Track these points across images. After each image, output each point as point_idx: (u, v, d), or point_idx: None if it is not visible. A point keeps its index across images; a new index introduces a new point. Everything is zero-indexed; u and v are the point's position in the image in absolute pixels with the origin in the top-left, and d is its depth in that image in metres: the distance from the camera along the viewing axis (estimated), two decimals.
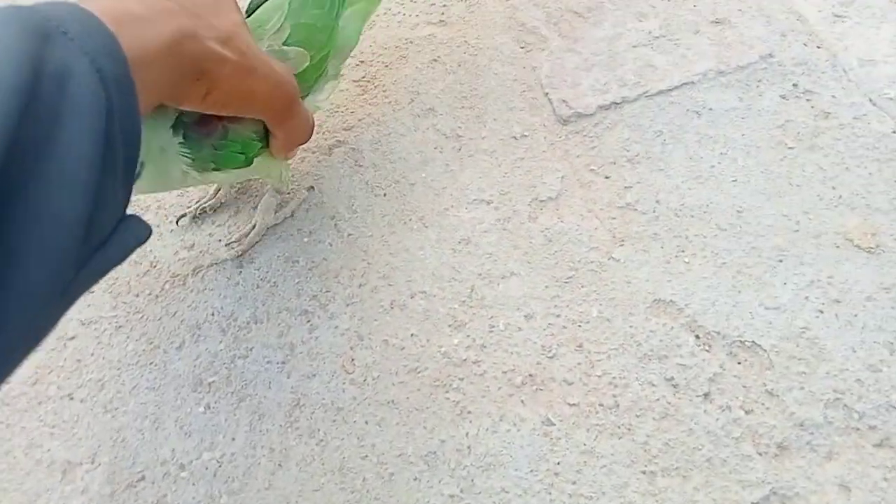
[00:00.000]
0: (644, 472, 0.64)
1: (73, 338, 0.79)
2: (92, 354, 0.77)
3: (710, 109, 0.84)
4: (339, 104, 0.93)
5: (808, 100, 0.83)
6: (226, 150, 0.62)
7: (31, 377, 0.77)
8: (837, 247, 0.73)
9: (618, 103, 0.86)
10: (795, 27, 0.89)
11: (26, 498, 0.70)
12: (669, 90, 0.87)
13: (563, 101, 0.87)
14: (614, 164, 0.82)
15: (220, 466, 0.69)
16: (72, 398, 0.75)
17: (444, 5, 1.01)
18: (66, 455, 0.71)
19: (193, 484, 0.68)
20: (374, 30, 0.99)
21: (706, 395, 0.67)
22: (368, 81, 0.94)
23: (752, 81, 0.86)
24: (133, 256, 0.56)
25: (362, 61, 0.96)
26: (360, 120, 0.91)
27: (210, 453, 0.70)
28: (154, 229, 0.66)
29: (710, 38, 0.90)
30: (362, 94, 0.93)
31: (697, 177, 0.80)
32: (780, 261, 0.73)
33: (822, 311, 0.70)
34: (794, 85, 0.85)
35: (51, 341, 0.79)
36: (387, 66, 0.96)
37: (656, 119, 0.85)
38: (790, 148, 0.80)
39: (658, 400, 0.67)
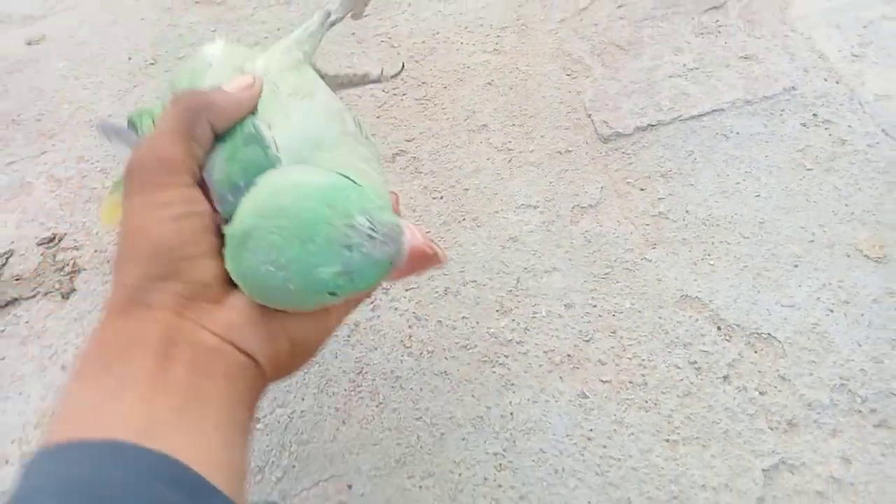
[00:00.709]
0: (667, 441, 0.72)
1: None
2: None
3: (737, 133, 0.94)
4: (402, 119, 1.04)
5: (826, 128, 0.93)
6: None
7: None
8: (848, 256, 0.82)
9: (654, 125, 0.96)
10: (817, 64, 0.99)
11: None
12: (701, 115, 0.96)
13: (605, 121, 0.98)
14: (649, 178, 0.92)
15: (290, 421, 0.79)
16: None
17: (499, 36, 1.12)
18: None
19: (267, 434, 0.78)
20: (435, 55, 1.11)
21: (725, 377, 0.75)
22: (429, 100, 1.05)
23: (776, 110, 0.95)
24: None
25: (424, 83, 1.08)
26: (420, 133, 1.02)
27: (282, 409, 0.79)
28: None
29: (738, 72, 1.00)
30: (423, 111, 1.04)
31: (724, 191, 0.89)
32: (796, 266, 0.82)
33: (832, 310, 0.78)
34: (814, 115, 0.94)
35: None
36: (445, 87, 1.07)
37: (688, 140, 0.94)
38: (809, 169, 0.89)
39: (682, 380, 0.76)
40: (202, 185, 0.41)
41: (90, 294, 0.91)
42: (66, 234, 0.97)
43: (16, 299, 0.91)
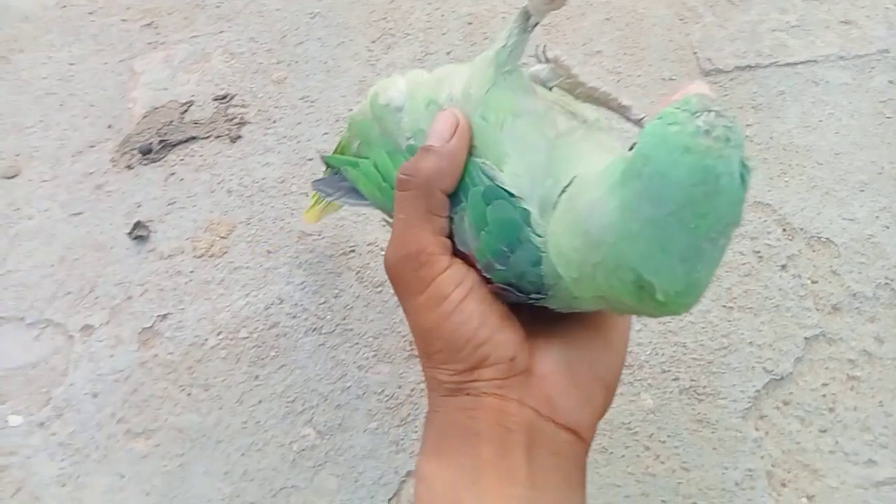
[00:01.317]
0: (724, 307, 0.85)
1: (310, 159, 1.07)
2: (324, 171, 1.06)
3: (827, 82, 1.05)
4: None
5: None
6: None
7: (281, 179, 1.05)
8: None
9: (752, 66, 1.09)
10: None
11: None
12: (796, 64, 1.08)
13: (708, 58, 1.11)
14: (741, 108, 1.04)
15: None
16: (307, 195, 1.03)
17: None
18: (302, 227, 0.99)
19: None
20: None
21: (783, 266, 0.88)
22: (553, 27, 1.20)
23: (866, 67, 1.06)
24: None
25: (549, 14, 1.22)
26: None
27: None
28: None
29: (837, 33, 1.12)
30: (546, 35, 1.19)
31: (807, 126, 1.01)
32: (862, 191, 0.93)
33: (888, 227, 0.89)
34: None
35: (293, 158, 1.07)
36: (568, 18, 1.21)
37: (781, 82, 1.06)
38: (888, 117, 1.00)
39: (745, 264, 0.88)
40: (460, 252, 0.41)
41: (253, 141, 1.09)
42: (236, 94, 1.16)
43: (193, 137, 1.11)
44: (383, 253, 0.97)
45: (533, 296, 0.39)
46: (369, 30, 1.20)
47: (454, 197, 0.40)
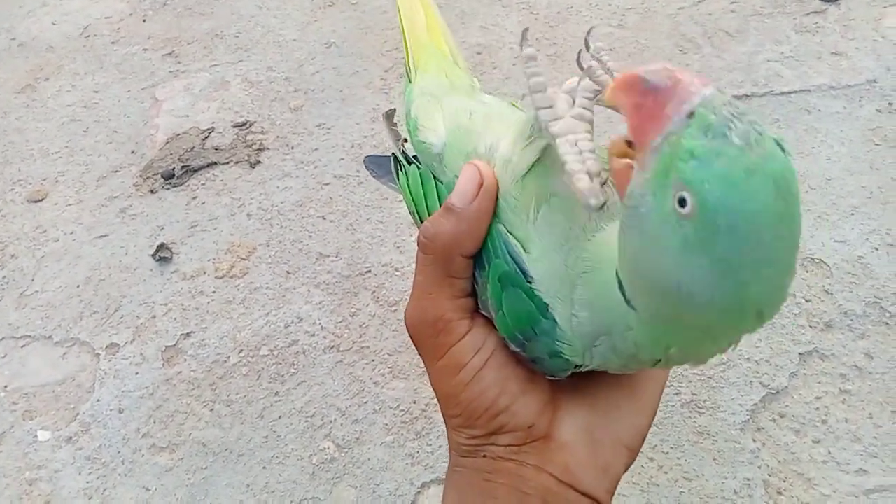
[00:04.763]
0: None
1: (328, 183, 1.12)
2: (340, 195, 1.11)
3: (819, 111, 1.11)
4: None
5: None
6: None
7: (299, 202, 1.10)
8: None
9: (748, 95, 1.14)
10: None
11: (284, 266, 1.02)
12: (790, 93, 1.14)
13: None
14: None
15: None
16: (324, 219, 1.08)
17: (623, 14, 1.32)
18: (320, 249, 1.04)
19: (403, 279, 0.99)
20: (567, 24, 1.31)
21: None
22: (558, 56, 1.26)
23: (855, 97, 1.12)
24: None
25: (555, 43, 1.28)
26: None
27: None
28: None
29: (829, 64, 1.17)
30: (552, 65, 1.25)
31: (800, 152, 1.06)
32: (853, 214, 0.98)
33: (877, 249, 0.94)
34: (890, 104, 1.10)
35: (310, 182, 1.12)
36: (573, 49, 1.27)
37: (776, 110, 1.12)
38: (877, 144, 1.06)
39: None
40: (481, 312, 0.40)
41: (272, 166, 1.14)
42: (255, 121, 1.21)
43: (214, 163, 1.16)
44: (398, 273, 1.03)
45: (552, 377, 0.38)
46: (382, 59, 1.26)
47: (478, 258, 0.38)
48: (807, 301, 0.90)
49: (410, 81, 0.49)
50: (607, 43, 1.25)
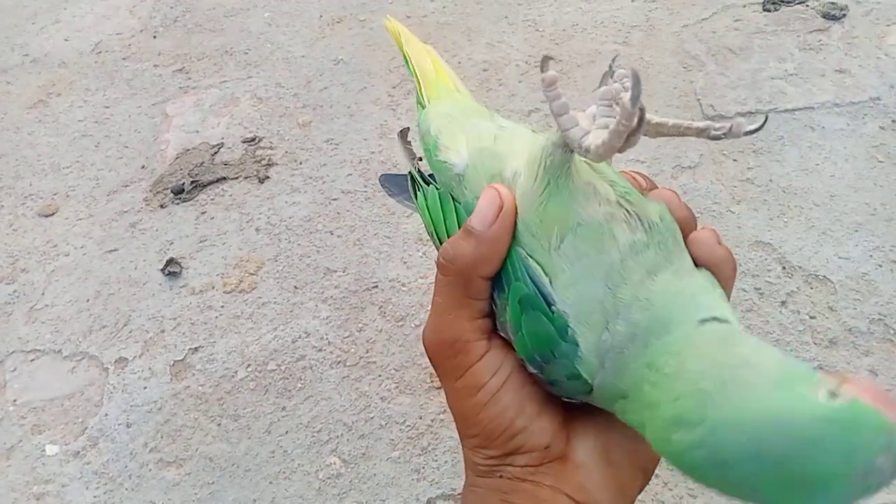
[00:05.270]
0: None
1: (335, 199, 1.13)
2: (348, 211, 1.12)
3: (823, 128, 1.11)
4: (539, 84, 1.25)
5: None
6: None
7: (307, 218, 1.11)
8: None
9: (752, 112, 1.15)
10: None
11: (297, 275, 1.03)
12: (794, 110, 1.14)
13: (710, 105, 1.17)
14: (742, 152, 1.10)
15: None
16: (332, 234, 1.09)
17: (628, 32, 1.33)
18: (327, 264, 1.05)
19: (409, 294, 1.00)
20: (572, 41, 1.32)
21: (783, 303, 0.93)
22: (564, 74, 1.27)
23: (859, 114, 1.13)
24: None
25: (561, 60, 1.29)
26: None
27: (423, 280, 1.01)
28: None
29: (832, 81, 1.18)
30: (559, 80, 1.26)
31: (804, 169, 1.07)
32: (856, 231, 0.99)
33: (881, 266, 0.94)
34: (893, 121, 1.11)
35: (318, 198, 1.13)
36: (578, 66, 1.28)
37: (780, 128, 1.12)
38: (880, 161, 1.06)
39: (746, 300, 0.94)
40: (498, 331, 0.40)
41: (280, 182, 1.16)
42: (264, 137, 1.22)
43: (223, 178, 1.17)
44: (405, 289, 1.04)
45: (569, 399, 0.38)
46: (390, 76, 1.27)
47: (497, 280, 0.38)
48: (811, 318, 0.91)
49: (423, 108, 0.49)
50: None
